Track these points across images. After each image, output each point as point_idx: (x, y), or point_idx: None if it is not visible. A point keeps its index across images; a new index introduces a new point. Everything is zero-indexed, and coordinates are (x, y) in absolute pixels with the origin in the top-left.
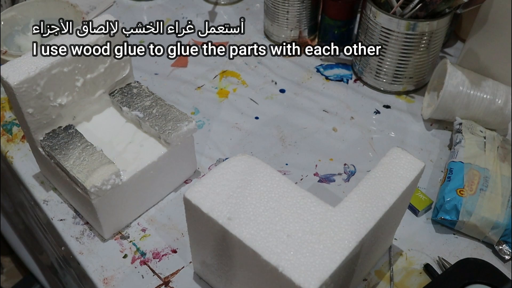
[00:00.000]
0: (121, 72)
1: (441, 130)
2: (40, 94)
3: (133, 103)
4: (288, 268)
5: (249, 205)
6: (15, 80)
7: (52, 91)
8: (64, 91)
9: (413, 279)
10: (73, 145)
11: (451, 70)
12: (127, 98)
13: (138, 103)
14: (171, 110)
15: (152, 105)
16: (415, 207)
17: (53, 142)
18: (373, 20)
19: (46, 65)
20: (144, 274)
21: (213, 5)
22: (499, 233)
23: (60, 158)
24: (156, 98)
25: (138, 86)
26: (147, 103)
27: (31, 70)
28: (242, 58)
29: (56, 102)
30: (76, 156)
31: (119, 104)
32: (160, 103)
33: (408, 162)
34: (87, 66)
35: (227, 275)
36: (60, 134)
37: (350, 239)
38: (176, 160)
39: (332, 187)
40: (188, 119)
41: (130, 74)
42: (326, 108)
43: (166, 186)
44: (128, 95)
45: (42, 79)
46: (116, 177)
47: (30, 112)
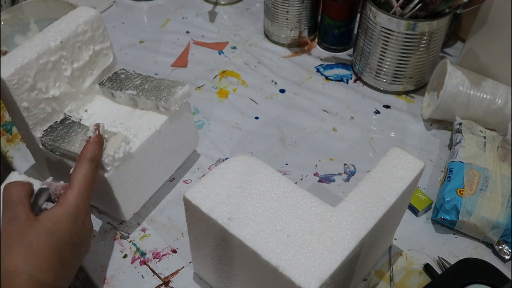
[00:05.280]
0: (105, 60)
1: (441, 130)
2: (32, 86)
3: (124, 85)
4: (288, 268)
5: (249, 205)
6: (6, 73)
7: (43, 82)
8: (55, 81)
9: (413, 279)
10: (74, 132)
11: (451, 70)
12: (116, 83)
13: (129, 84)
14: (162, 82)
15: (143, 82)
16: (415, 207)
17: (53, 135)
18: (373, 20)
19: (33, 54)
20: (144, 274)
21: (213, 5)
22: (499, 233)
23: (65, 146)
24: (145, 76)
25: (124, 72)
26: (138, 82)
27: (19, 61)
28: (242, 58)
29: (49, 93)
30: (81, 139)
31: (110, 90)
32: (150, 79)
33: (408, 162)
34: (72, 54)
35: (227, 275)
36: (57, 127)
37: (350, 239)
38: (178, 129)
39: (332, 187)
40: (181, 84)
41: (115, 63)
42: (326, 108)
43: (174, 159)
44: (117, 81)
45: (31, 69)
46: (125, 144)
47: (25, 106)
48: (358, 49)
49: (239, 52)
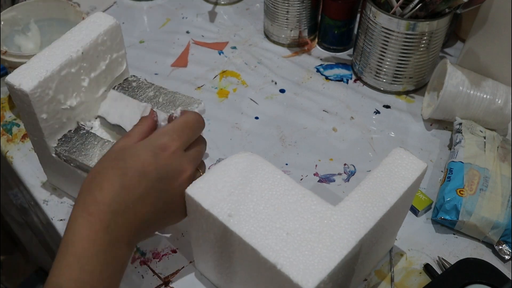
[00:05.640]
0: (119, 68)
1: (441, 130)
2: (52, 97)
3: (137, 95)
4: (286, 266)
5: (249, 202)
6: (29, 86)
7: (63, 94)
8: (73, 92)
9: (413, 279)
10: (90, 145)
11: (451, 70)
12: (129, 92)
13: (142, 95)
14: (177, 96)
15: (156, 94)
16: (415, 207)
17: (69, 146)
18: (373, 20)
19: (56, 67)
20: (144, 274)
21: (213, 5)
22: (499, 233)
23: (83, 160)
24: (158, 87)
25: (136, 79)
26: (151, 94)
27: (42, 74)
28: (242, 58)
29: (67, 104)
30: (98, 154)
31: None
32: (163, 92)
33: (410, 162)
34: (91, 64)
35: (227, 271)
36: (72, 137)
37: (350, 239)
38: None
39: (332, 187)
40: (197, 102)
41: (127, 70)
42: (326, 108)
43: None
44: (130, 89)
45: (53, 81)
46: None
47: (44, 118)
48: (358, 49)
49: (239, 52)
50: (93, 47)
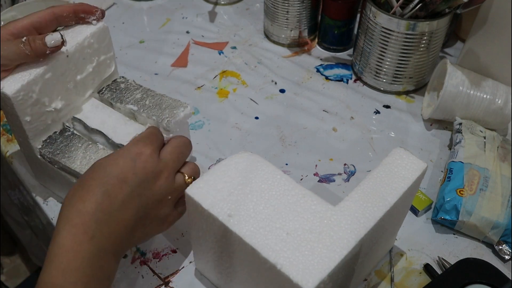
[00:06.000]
0: (107, 70)
1: (441, 130)
2: (36, 100)
3: (124, 97)
4: (286, 266)
5: (249, 203)
6: (11, 89)
7: (47, 97)
8: (57, 95)
9: (413, 279)
10: (74, 147)
11: (451, 70)
12: (116, 93)
13: (129, 97)
14: (164, 99)
15: (144, 97)
16: (415, 207)
17: (53, 147)
18: (373, 20)
19: (40, 70)
20: (144, 274)
21: (213, 5)
22: (499, 233)
23: (66, 162)
24: (146, 89)
25: (124, 81)
26: (138, 96)
27: (25, 77)
28: (242, 58)
29: (52, 107)
30: (81, 156)
31: (109, 101)
32: (150, 94)
33: (410, 162)
34: (77, 67)
35: (227, 271)
36: (57, 139)
37: (350, 239)
38: None
39: (332, 187)
40: (183, 105)
41: (115, 71)
42: (326, 108)
43: None
44: (117, 91)
45: (37, 85)
46: None
47: (28, 120)
48: (358, 49)
49: (239, 52)
50: (79, 50)
